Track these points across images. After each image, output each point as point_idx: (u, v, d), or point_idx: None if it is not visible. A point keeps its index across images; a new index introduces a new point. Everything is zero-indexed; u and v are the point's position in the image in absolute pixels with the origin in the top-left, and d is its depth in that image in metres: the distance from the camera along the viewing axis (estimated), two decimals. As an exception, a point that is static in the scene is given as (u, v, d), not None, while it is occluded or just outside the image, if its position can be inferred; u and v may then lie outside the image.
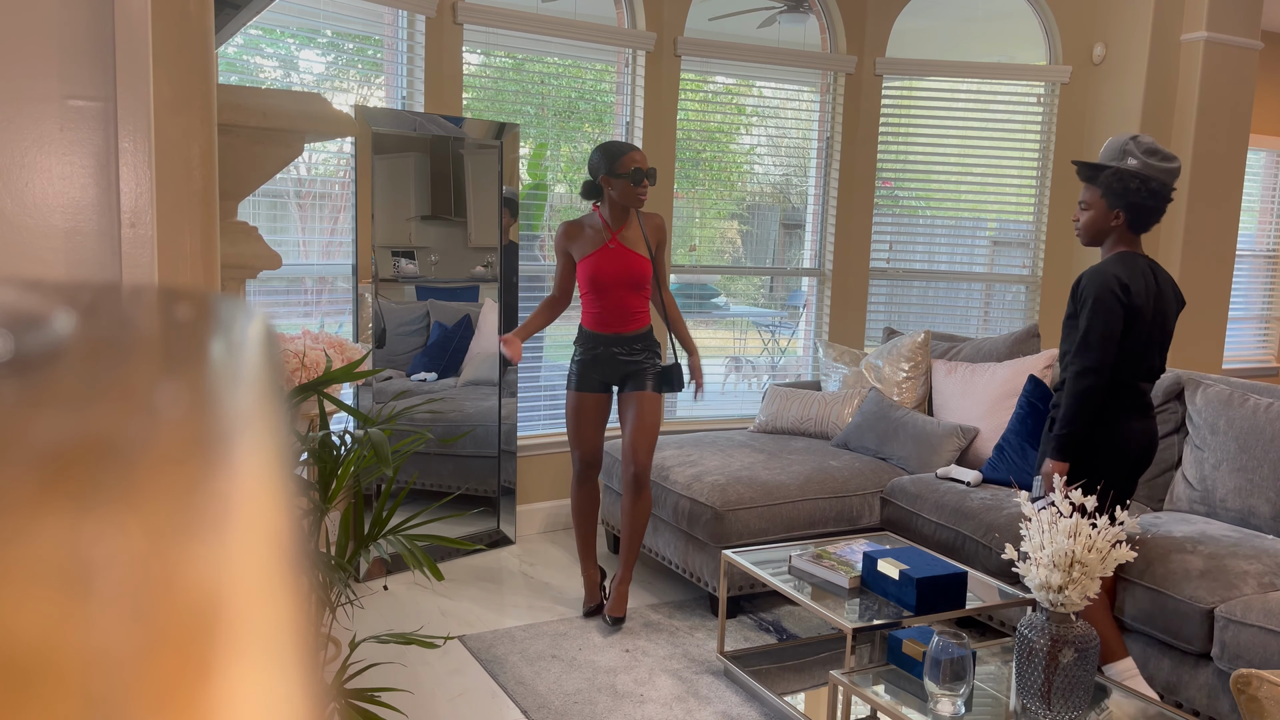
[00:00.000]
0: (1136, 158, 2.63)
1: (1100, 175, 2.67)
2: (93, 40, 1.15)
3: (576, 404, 3.44)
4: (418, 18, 3.89)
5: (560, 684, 2.98)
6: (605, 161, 3.26)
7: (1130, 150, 2.64)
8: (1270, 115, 6.45)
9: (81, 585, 0.14)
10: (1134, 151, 2.64)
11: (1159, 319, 2.74)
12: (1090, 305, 2.65)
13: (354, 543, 2.14)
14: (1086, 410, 2.66)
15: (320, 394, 2.05)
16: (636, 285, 3.33)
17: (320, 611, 2.04)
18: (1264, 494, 3.13)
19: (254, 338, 0.29)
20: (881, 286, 5.12)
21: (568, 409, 3.47)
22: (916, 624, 2.67)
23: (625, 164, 3.23)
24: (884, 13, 4.86)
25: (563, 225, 3.39)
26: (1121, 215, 2.67)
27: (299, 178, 3.78)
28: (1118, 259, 2.71)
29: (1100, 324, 2.64)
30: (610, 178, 3.26)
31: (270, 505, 0.19)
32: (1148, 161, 2.63)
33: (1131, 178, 2.62)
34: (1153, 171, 2.63)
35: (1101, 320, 2.64)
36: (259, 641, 0.15)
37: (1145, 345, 2.72)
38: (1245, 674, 1.68)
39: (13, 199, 1.12)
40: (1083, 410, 2.66)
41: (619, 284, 3.30)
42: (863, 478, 3.75)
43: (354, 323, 3.72)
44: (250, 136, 1.56)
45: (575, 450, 3.50)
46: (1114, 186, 2.64)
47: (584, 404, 3.43)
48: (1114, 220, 2.69)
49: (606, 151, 3.28)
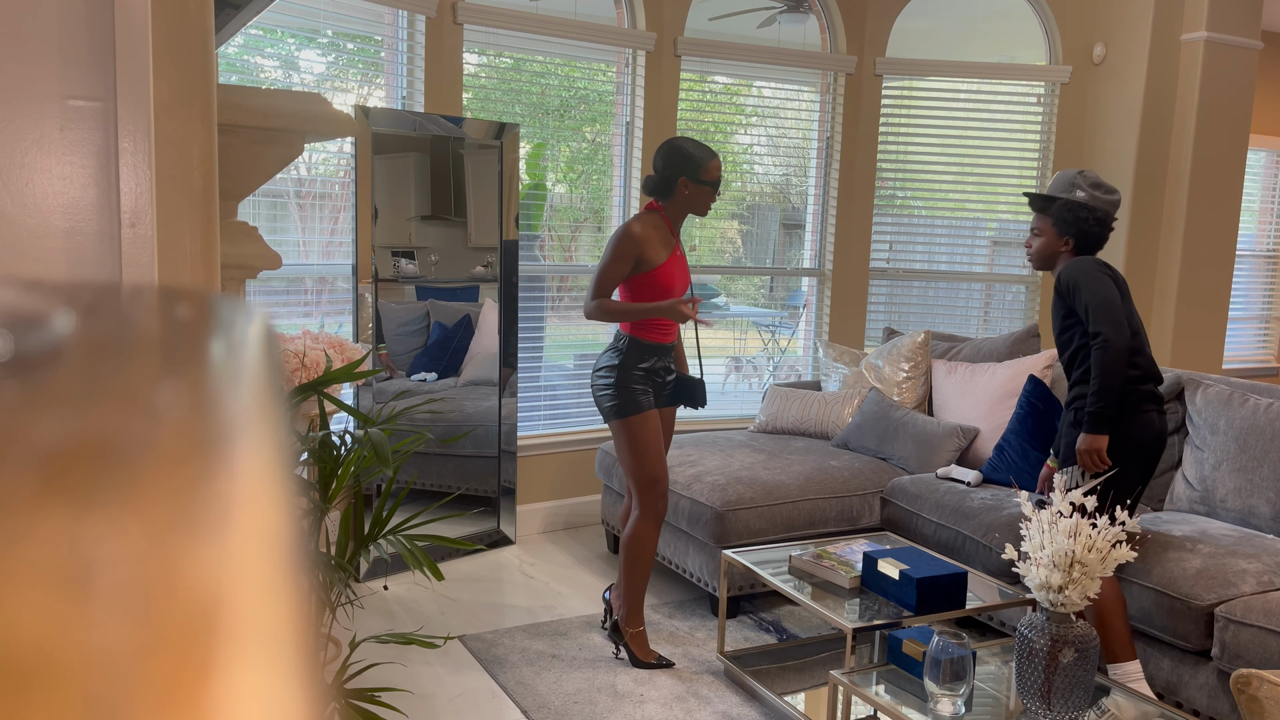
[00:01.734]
0: (1084, 190, 2.89)
1: (1051, 206, 2.93)
2: (93, 40, 1.15)
3: (651, 426, 3.04)
4: (418, 18, 3.89)
5: (560, 684, 2.98)
6: (691, 164, 2.99)
7: (1078, 183, 2.91)
8: (1270, 115, 6.45)
9: (81, 585, 0.14)
10: (1081, 185, 2.90)
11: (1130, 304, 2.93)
12: (1082, 285, 2.81)
13: (354, 543, 2.14)
14: (1118, 378, 2.76)
15: (320, 394, 2.05)
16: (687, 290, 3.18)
17: (320, 611, 2.04)
18: (1264, 494, 3.13)
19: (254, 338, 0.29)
20: (881, 286, 5.12)
21: (641, 436, 3.03)
22: (916, 624, 2.67)
23: (712, 170, 3.01)
24: (884, 13, 4.86)
25: (635, 225, 3.01)
26: (1070, 241, 2.92)
27: (299, 178, 3.78)
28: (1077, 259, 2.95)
29: (1098, 296, 2.79)
30: (693, 182, 3.00)
31: (270, 505, 0.19)
32: (1094, 194, 2.89)
33: (1081, 208, 2.88)
34: (1098, 203, 2.89)
35: (1097, 293, 2.79)
36: (259, 641, 0.15)
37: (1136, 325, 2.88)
38: (1245, 674, 1.68)
39: (13, 199, 1.12)
40: (1115, 379, 2.75)
41: (682, 291, 3.10)
42: (863, 478, 3.75)
43: (354, 323, 3.72)
44: (250, 136, 1.56)
45: (655, 481, 3.06)
46: (1065, 216, 2.89)
47: (655, 424, 3.06)
48: (1063, 246, 2.94)
49: (691, 154, 3.00)
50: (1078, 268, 2.85)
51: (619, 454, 3.12)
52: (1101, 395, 2.76)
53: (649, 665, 3.10)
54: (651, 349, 3.06)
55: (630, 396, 3.02)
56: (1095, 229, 2.90)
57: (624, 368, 3.03)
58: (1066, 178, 2.95)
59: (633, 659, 3.13)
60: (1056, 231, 2.93)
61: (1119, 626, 2.77)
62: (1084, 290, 2.81)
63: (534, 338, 4.43)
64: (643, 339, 3.05)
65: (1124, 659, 2.76)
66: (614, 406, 3.04)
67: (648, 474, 3.05)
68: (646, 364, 3.06)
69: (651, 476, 3.05)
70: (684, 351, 3.33)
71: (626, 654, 3.15)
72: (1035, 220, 3.00)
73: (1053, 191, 2.97)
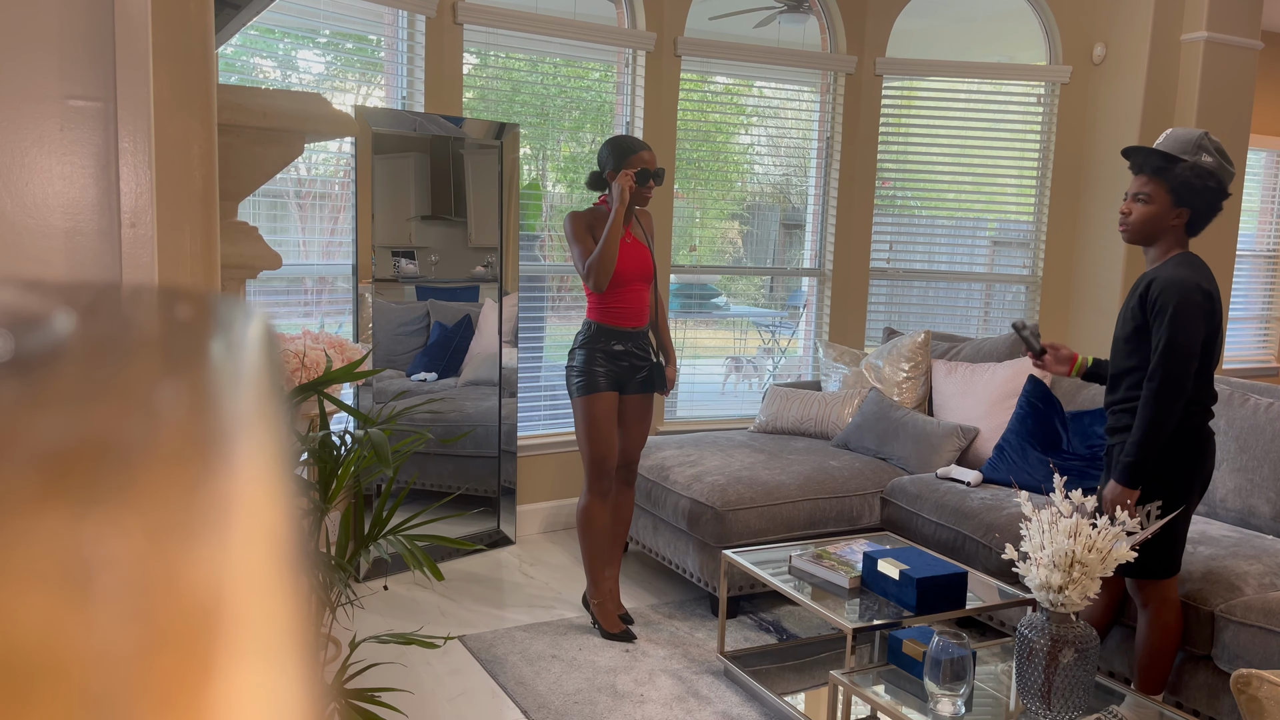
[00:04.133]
0: (1212, 155, 2.44)
1: (1175, 168, 2.44)
2: (93, 40, 1.15)
3: (601, 406, 3.24)
4: (418, 18, 3.89)
5: (560, 684, 2.98)
6: (615, 157, 3.21)
7: (1206, 146, 2.45)
8: (1270, 115, 6.45)
9: (82, 585, 0.14)
10: (1209, 148, 2.45)
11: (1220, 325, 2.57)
12: (1170, 315, 2.42)
13: (354, 543, 2.14)
14: (1164, 433, 2.45)
15: (320, 394, 2.05)
16: (649, 278, 3.31)
17: (320, 611, 2.04)
18: (1264, 494, 3.13)
19: (254, 338, 0.29)
20: (881, 286, 5.12)
21: (589, 415, 3.23)
22: (916, 624, 2.67)
23: (633, 163, 3.19)
24: (884, 13, 4.86)
25: (577, 214, 3.24)
26: (1186, 214, 2.47)
27: (299, 178, 3.78)
28: (1187, 262, 2.49)
29: (1180, 338, 2.41)
30: (617, 174, 3.21)
31: (270, 505, 0.19)
32: (1221, 162, 2.45)
33: (1209, 175, 2.43)
34: (1224, 173, 2.46)
35: (1180, 334, 2.41)
36: (259, 642, 0.15)
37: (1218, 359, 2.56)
38: (1245, 674, 1.68)
39: (13, 199, 1.12)
40: (1161, 433, 2.45)
41: (636, 277, 3.27)
42: (863, 478, 3.75)
43: (354, 323, 3.72)
44: (250, 136, 1.56)
45: (601, 460, 3.26)
46: (1192, 183, 2.43)
47: (607, 405, 3.25)
48: (1175, 219, 2.48)
49: (617, 147, 3.22)
50: (1179, 290, 2.42)
51: (575, 431, 3.34)
52: (1143, 448, 2.45)
53: (613, 636, 3.31)
54: (613, 333, 3.25)
55: (586, 378, 3.25)
56: (1217, 203, 2.45)
57: (587, 349, 3.26)
58: (1191, 138, 2.45)
59: (601, 631, 3.34)
60: (1172, 200, 2.45)
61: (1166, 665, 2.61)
62: (1169, 324, 2.42)
63: (534, 337, 4.43)
64: (603, 323, 3.26)
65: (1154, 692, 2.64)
66: (572, 386, 3.28)
67: (592, 452, 3.27)
68: (611, 347, 3.25)
69: (598, 455, 3.26)
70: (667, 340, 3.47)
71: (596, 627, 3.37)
72: (1141, 183, 2.51)
73: (1174, 151, 2.46)
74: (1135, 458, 2.47)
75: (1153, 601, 2.62)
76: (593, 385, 3.23)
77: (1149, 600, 2.62)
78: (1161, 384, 2.43)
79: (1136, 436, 2.46)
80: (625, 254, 3.23)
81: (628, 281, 3.24)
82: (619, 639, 3.30)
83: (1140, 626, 2.65)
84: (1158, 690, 2.65)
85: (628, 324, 3.28)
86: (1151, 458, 2.47)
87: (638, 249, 3.28)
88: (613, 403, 3.27)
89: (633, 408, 3.35)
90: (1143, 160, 2.50)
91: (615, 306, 3.26)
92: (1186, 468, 2.53)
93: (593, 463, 3.27)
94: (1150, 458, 2.47)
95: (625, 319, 3.27)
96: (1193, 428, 2.52)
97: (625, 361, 3.27)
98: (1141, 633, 2.65)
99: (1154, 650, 2.62)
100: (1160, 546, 2.53)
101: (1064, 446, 3.57)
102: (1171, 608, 2.62)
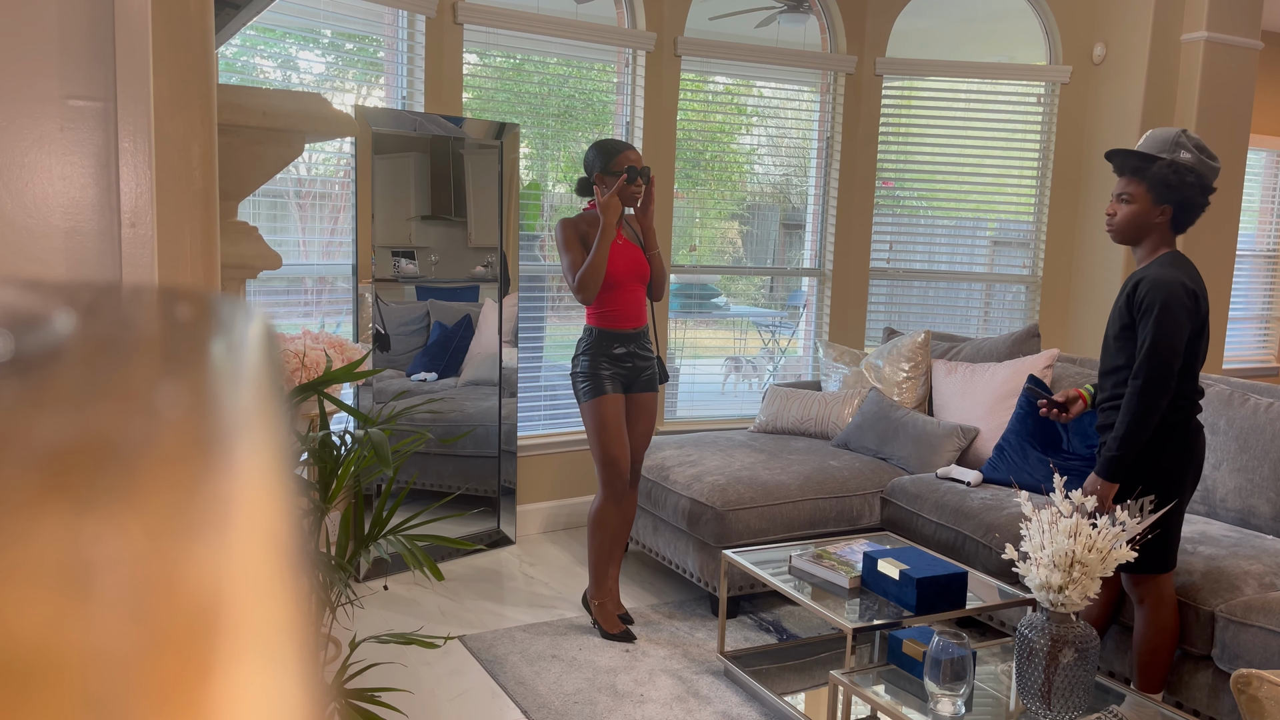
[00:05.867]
0: (1190, 152, 2.48)
1: (1152, 167, 2.49)
2: (93, 40, 1.15)
3: (610, 409, 3.23)
4: (418, 18, 3.89)
5: (560, 684, 2.98)
6: (600, 159, 3.23)
7: (1183, 144, 2.49)
8: (1270, 115, 6.45)
9: (81, 585, 0.14)
10: (1187, 145, 2.49)
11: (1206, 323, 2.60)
12: (1155, 316, 2.45)
13: (354, 543, 2.14)
14: (1147, 430, 2.49)
15: (320, 394, 2.05)
16: (644, 279, 3.32)
17: (320, 611, 2.04)
18: (1264, 494, 3.13)
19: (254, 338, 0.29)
20: (881, 286, 5.12)
21: (599, 418, 3.23)
22: (916, 624, 2.67)
23: (620, 162, 3.21)
24: (884, 13, 4.86)
25: (568, 221, 3.25)
26: (1169, 211, 2.51)
27: (299, 178, 3.78)
28: (1173, 261, 2.53)
29: (1164, 339, 2.45)
30: (604, 175, 3.23)
31: (270, 505, 0.19)
32: (1200, 158, 2.49)
33: (1188, 171, 2.47)
34: (1205, 169, 2.49)
35: (1165, 334, 2.45)
36: (259, 642, 0.15)
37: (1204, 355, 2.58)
38: (1245, 674, 1.68)
39: (13, 199, 1.12)
40: (1146, 429, 2.48)
41: (631, 279, 3.28)
42: (863, 478, 3.75)
43: (354, 323, 3.72)
44: (250, 136, 1.56)
45: (614, 461, 3.25)
46: (1169, 180, 2.47)
47: (616, 407, 3.24)
48: (1159, 216, 2.52)
49: (601, 149, 3.24)
50: (1164, 290, 2.46)
51: (586, 435, 3.33)
52: (1125, 443, 2.49)
53: (613, 636, 3.31)
54: (614, 336, 3.27)
55: (592, 382, 3.26)
56: (1199, 198, 2.49)
57: (590, 355, 3.27)
58: (1168, 136, 2.51)
59: (601, 631, 3.34)
60: (1153, 198, 2.50)
61: (1164, 662, 2.63)
62: (1154, 323, 2.46)
63: (534, 337, 4.43)
64: (603, 328, 3.28)
65: (1154, 691, 2.65)
66: (579, 390, 3.29)
67: (604, 454, 3.27)
68: (613, 350, 3.27)
69: (609, 456, 3.26)
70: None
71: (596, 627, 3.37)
72: (1123, 184, 2.55)
73: (1151, 150, 2.52)
74: (1117, 452, 2.51)
75: (1149, 597, 2.62)
76: (599, 389, 3.24)
77: (1145, 596, 2.63)
78: (1146, 381, 2.47)
79: (1119, 432, 2.51)
80: (618, 255, 3.24)
81: (622, 283, 3.25)
82: (619, 639, 3.30)
83: (1137, 624, 2.66)
84: (1157, 688, 2.65)
85: (627, 325, 3.29)
86: (1134, 454, 2.51)
87: (630, 250, 3.29)
88: (621, 404, 3.28)
89: (638, 407, 3.36)
90: (1122, 161, 2.56)
91: (612, 310, 3.28)
92: (1177, 461, 2.56)
93: (606, 465, 3.27)
94: (1132, 453, 2.51)
95: (623, 321, 3.29)
96: (1180, 421, 2.56)
97: (629, 363, 3.29)
98: (1139, 630, 2.65)
99: (1152, 648, 2.63)
100: (1155, 541, 2.54)
101: (1064, 446, 3.57)
102: (1168, 604, 2.63)
